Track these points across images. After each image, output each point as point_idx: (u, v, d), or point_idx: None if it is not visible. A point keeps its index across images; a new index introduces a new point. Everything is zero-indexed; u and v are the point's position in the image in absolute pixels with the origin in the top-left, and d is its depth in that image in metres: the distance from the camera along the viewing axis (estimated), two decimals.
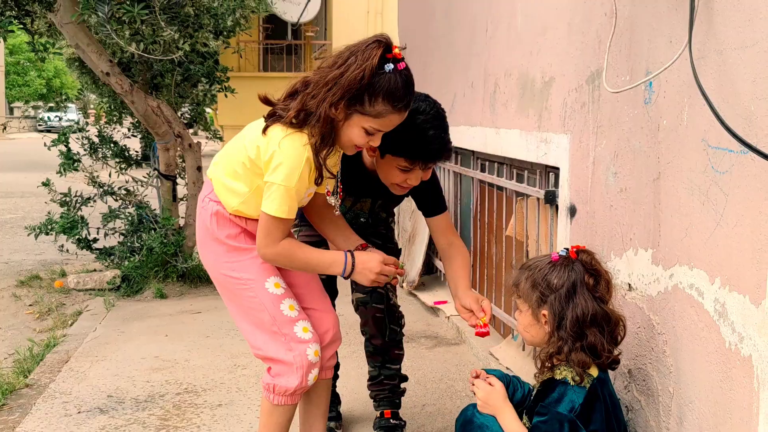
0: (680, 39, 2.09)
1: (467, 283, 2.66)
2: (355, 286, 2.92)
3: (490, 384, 2.27)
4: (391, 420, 3.05)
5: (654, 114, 2.29)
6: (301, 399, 2.56)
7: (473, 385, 2.32)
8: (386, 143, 2.35)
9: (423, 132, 2.41)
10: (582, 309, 2.11)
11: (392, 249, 2.99)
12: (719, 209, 1.95)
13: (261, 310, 2.38)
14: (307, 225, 2.81)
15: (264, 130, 2.26)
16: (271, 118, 2.27)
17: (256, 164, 2.28)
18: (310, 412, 2.64)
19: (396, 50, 2.19)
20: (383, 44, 2.17)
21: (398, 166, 2.47)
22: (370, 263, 2.33)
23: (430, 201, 2.75)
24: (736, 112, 1.86)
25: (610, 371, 2.22)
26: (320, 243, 2.74)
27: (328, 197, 2.44)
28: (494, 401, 2.22)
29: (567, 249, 2.21)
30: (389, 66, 2.16)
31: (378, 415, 3.08)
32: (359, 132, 2.23)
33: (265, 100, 2.32)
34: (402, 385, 3.11)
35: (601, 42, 2.63)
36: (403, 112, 2.25)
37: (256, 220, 2.33)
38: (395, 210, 3.18)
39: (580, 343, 2.11)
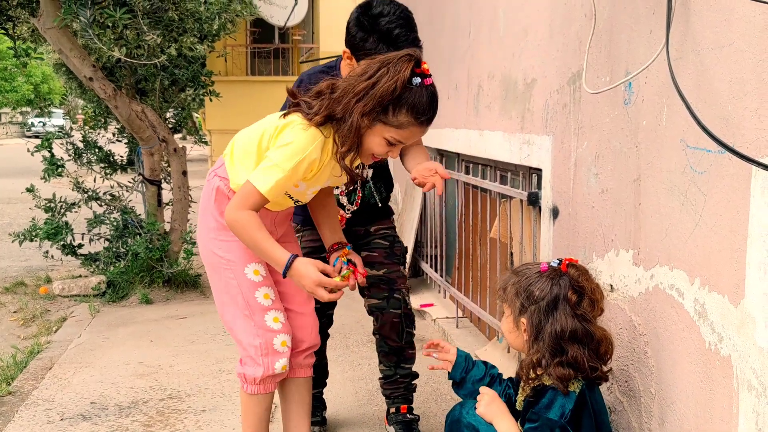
0: (658, 40, 2.09)
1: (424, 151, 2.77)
2: (368, 293, 2.96)
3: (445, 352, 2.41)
4: (408, 414, 3.06)
5: (634, 115, 2.29)
6: (283, 399, 2.64)
7: (430, 355, 2.44)
8: (358, 55, 2.55)
9: (388, 33, 2.55)
10: (561, 325, 2.09)
11: (399, 249, 3.02)
12: (698, 209, 1.95)
13: (237, 293, 2.45)
14: (310, 229, 2.85)
15: (285, 115, 2.34)
16: (295, 107, 2.33)
17: (269, 146, 2.34)
18: (293, 411, 2.66)
19: (425, 66, 2.26)
20: (414, 59, 2.25)
21: None
22: (304, 279, 2.29)
23: None
24: (713, 112, 1.86)
25: None
26: (321, 249, 2.76)
27: (340, 197, 2.65)
28: (494, 409, 2.19)
29: (560, 260, 2.18)
30: (417, 80, 2.23)
31: (393, 410, 3.07)
32: (380, 141, 2.29)
33: (291, 93, 2.40)
34: (414, 382, 3.12)
35: (582, 43, 2.63)
36: (425, 126, 2.30)
37: None
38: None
39: (559, 358, 2.08)
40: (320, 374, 3.10)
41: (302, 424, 2.66)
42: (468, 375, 2.41)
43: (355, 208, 2.93)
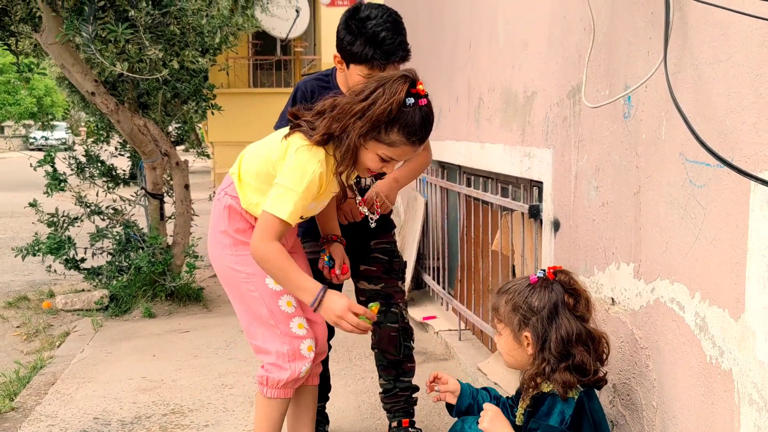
0: (657, 53, 2.10)
1: (396, 172, 2.82)
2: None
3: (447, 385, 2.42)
4: (410, 429, 3.06)
5: (633, 128, 2.30)
6: (290, 406, 2.69)
7: (431, 390, 2.44)
8: (346, 56, 2.62)
9: (374, 36, 2.57)
10: (566, 329, 2.11)
11: (398, 264, 3.04)
12: (698, 223, 1.95)
13: (260, 304, 2.50)
14: (310, 242, 2.88)
15: (286, 137, 2.38)
16: (296, 128, 2.37)
17: (276, 168, 2.39)
18: (298, 417, 2.74)
19: (420, 86, 2.29)
20: (409, 79, 2.28)
21: (362, 75, 2.60)
22: (336, 306, 2.33)
23: None
24: (711, 126, 1.86)
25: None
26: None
27: (361, 207, 2.74)
28: (498, 425, 2.19)
29: (544, 270, 2.22)
30: (411, 100, 2.27)
31: (395, 425, 3.07)
32: (374, 158, 2.34)
33: (293, 115, 2.43)
34: (414, 395, 3.12)
35: (581, 56, 2.64)
36: (417, 145, 2.35)
37: None
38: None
39: (565, 363, 2.10)
40: (322, 388, 3.10)
41: (306, 429, 2.74)
42: (475, 403, 2.42)
43: (376, 216, 2.89)
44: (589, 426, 2.09)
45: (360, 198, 2.84)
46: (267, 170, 2.43)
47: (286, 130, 2.43)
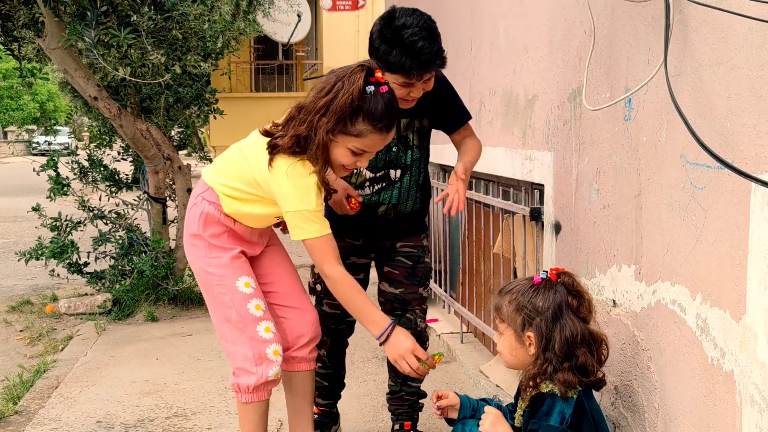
0: (658, 56, 2.10)
1: (466, 158, 2.80)
2: (383, 309, 2.96)
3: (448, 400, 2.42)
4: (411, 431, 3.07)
5: (634, 131, 2.30)
6: (288, 391, 2.80)
7: (437, 408, 2.44)
8: (382, 65, 2.52)
9: (411, 45, 2.51)
10: (570, 330, 2.13)
11: (422, 270, 3.00)
12: (699, 225, 1.96)
13: (230, 307, 2.55)
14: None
15: (270, 163, 2.40)
16: (274, 150, 2.40)
17: (263, 189, 2.45)
18: (297, 402, 2.81)
19: (378, 74, 2.35)
20: (366, 68, 2.34)
21: (398, 83, 2.58)
22: (401, 345, 2.41)
23: (450, 112, 2.89)
24: (712, 129, 1.87)
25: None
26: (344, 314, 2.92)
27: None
28: (499, 429, 2.19)
29: (546, 272, 2.23)
30: (371, 88, 2.32)
31: (397, 427, 3.08)
32: (344, 152, 2.38)
33: (265, 133, 2.46)
34: (421, 401, 3.12)
35: (581, 60, 2.64)
36: (385, 132, 2.38)
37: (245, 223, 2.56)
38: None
39: (568, 363, 2.11)
40: (335, 385, 3.12)
41: (305, 415, 2.80)
42: (474, 413, 2.42)
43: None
44: (588, 425, 2.10)
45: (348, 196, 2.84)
46: (250, 180, 2.48)
47: (260, 141, 2.44)
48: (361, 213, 2.86)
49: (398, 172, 2.89)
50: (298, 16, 14.29)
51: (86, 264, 5.82)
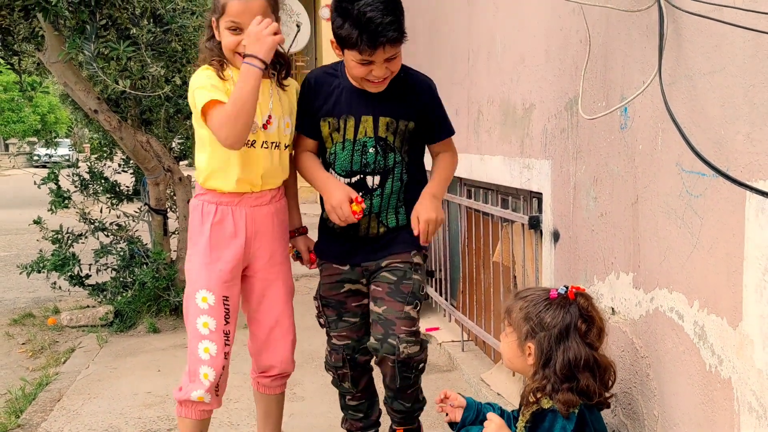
0: (652, 65, 2.12)
1: (430, 187, 2.71)
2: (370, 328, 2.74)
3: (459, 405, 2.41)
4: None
5: (630, 139, 2.32)
6: (258, 411, 2.94)
7: (441, 409, 2.45)
8: (338, 41, 2.47)
9: (360, 17, 2.36)
10: (574, 353, 2.11)
11: (407, 286, 2.66)
12: (695, 232, 1.97)
13: (186, 314, 2.64)
14: (328, 263, 2.82)
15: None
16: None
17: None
18: (261, 423, 2.94)
19: None
20: None
21: (355, 60, 2.47)
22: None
23: (432, 123, 2.75)
24: (707, 137, 1.88)
25: None
26: (341, 284, 2.80)
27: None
28: None
29: (567, 288, 2.20)
30: None
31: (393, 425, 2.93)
32: (226, 34, 2.51)
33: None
34: (415, 416, 2.93)
35: (578, 69, 2.66)
36: None
37: (231, 194, 2.58)
38: None
39: (569, 384, 2.10)
40: (369, 413, 3.01)
41: None
42: (478, 416, 2.42)
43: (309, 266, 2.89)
44: None
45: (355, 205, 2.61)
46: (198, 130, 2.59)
47: None
48: (343, 230, 2.70)
49: (377, 178, 2.64)
50: (298, 26, 14.30)
51: (88, 276, 5.83)
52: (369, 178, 2.65)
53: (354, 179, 2.66)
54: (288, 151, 2.71)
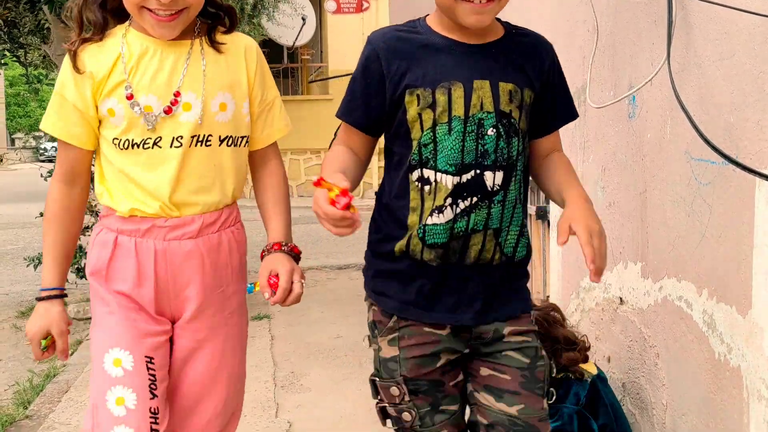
0: (661, 53, 2.11)
1: (576, 189, 1.75)
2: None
3: None
4: None
5: (638, 128, 2.31)
6: None
7: None
8: None
9: None
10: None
11: (542, 371, 1.71)
12: (704, 221, 1.96)
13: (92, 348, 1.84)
14: (411, 325, 1.68)
15: None
16: None
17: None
18: None
19: None
20: None
21: None
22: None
23: (553, 102, 1.82)
24: (716, 124, 1.87)
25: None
26: (431, 360, 1.68)
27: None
28: None
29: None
30: None
31: None
32: None
33: None
34: None
35: (585, 58, 2.65)
36: None
37: (133, 218, 1.79)
38: None
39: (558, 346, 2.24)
40: None
41: None
42: None
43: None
44: (605, 408, 2.13)
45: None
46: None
47: None
48: (436, 267, 1.66)
49: (498, 175, 1.65)
50: (303, 19, 14.31)
51: None
52: (488, 175, 1.65)
53: (466, 177, 1.64)
54: (245, 147, 1.85)
